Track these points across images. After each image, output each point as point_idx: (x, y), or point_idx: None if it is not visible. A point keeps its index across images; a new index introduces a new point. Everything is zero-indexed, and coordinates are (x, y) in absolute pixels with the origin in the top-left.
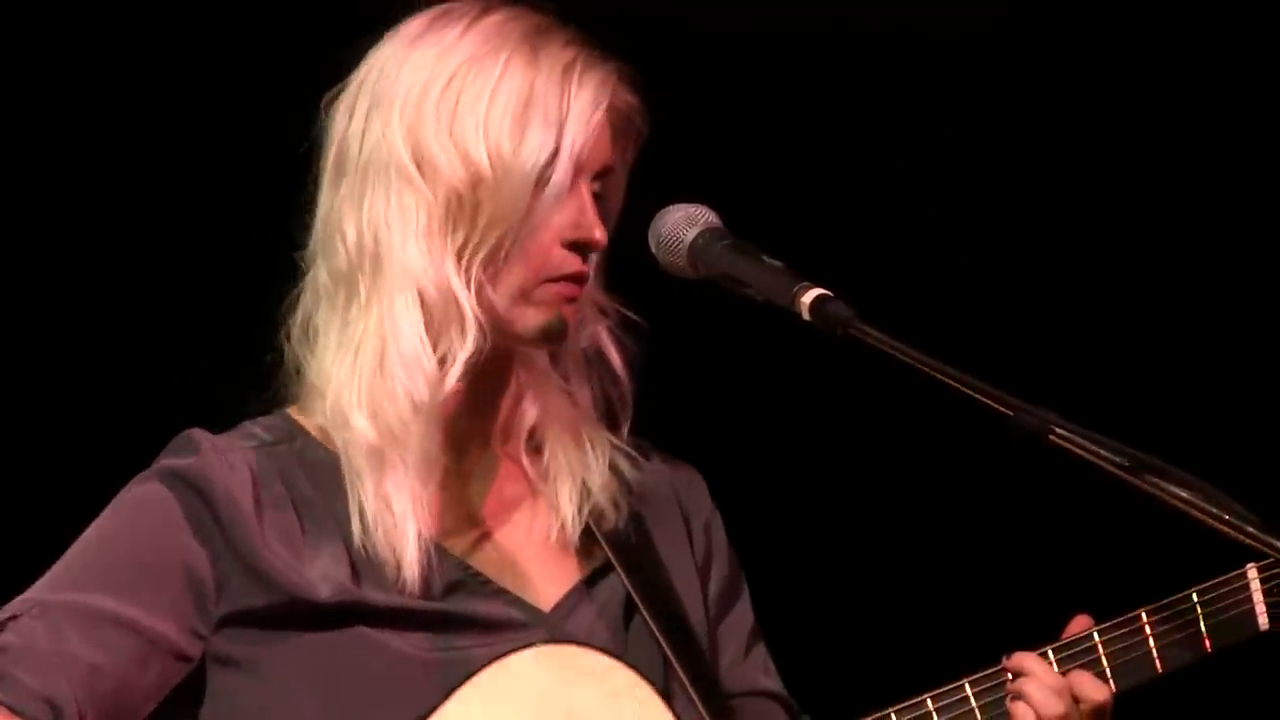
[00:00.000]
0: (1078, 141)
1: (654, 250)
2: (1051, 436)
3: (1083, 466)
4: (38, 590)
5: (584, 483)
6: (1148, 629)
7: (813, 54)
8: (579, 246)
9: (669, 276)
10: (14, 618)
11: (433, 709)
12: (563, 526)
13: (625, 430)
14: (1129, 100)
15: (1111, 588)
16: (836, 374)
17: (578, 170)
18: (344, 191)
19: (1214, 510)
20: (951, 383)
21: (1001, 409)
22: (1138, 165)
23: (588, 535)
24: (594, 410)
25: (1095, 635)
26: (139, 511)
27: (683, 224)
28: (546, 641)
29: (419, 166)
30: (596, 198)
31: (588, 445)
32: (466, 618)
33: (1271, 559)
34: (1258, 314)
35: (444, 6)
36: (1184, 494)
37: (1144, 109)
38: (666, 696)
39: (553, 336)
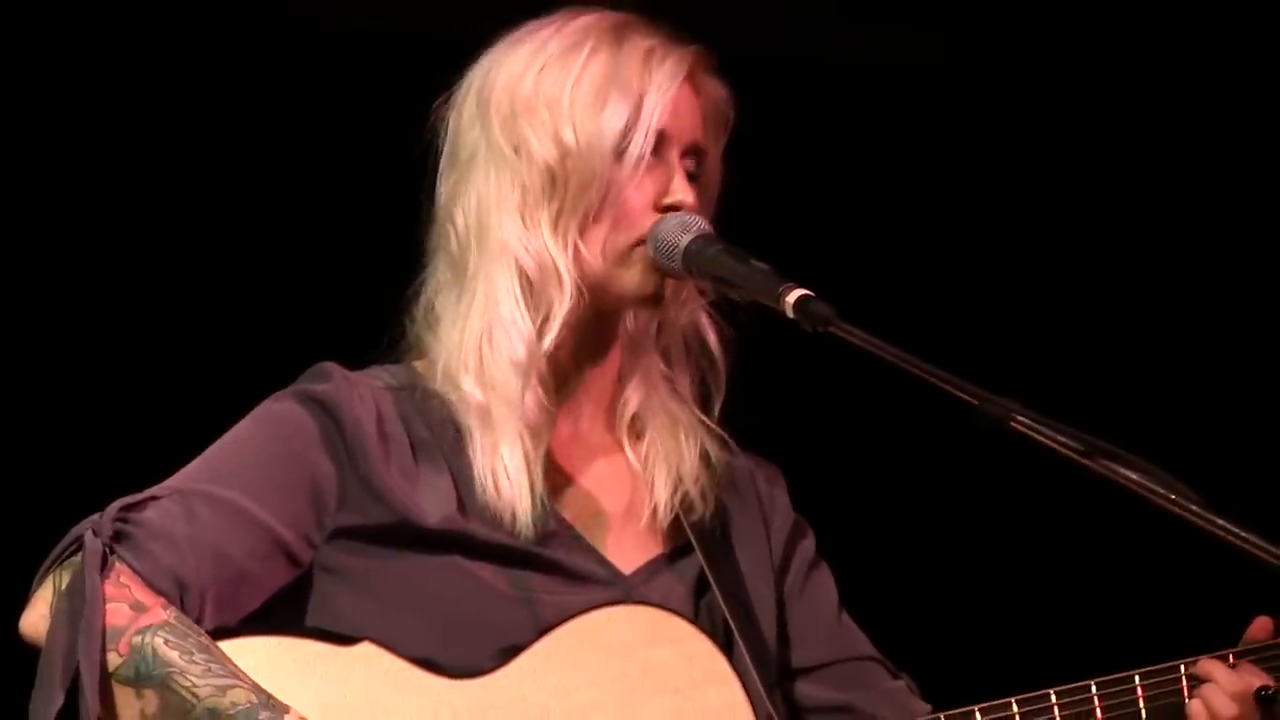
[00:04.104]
0: (1048, 144)
1: (651, 254)
2: (1012, 423)
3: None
4: (176, 479)
5: (678, 473)
6: None
7: (790, 79)
8: (669, 210)
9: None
10: (155, 498)
11: (521, 648)
12: (655, 510)
13: (717, 409)
14: (1087, 104)
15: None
16: (817, 367)
17: (663, 141)
18: (453, 183)
19: (1161, 491)
20: (923, 375)
21: (968, 399)
22: (1104, 165)
23: (674, 519)
24: (692, 394)
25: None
26: (275, 425)
27: (678, 230)
28: (634, 601)
29: (515, 149)
30: (690, 176)
31: (683, 436)
32: (554, 565)
33: None
34: (1232, 311)
35: (540, 18)
36: (1134, 476)
37: (1097, 112)
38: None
39: (648, 297)
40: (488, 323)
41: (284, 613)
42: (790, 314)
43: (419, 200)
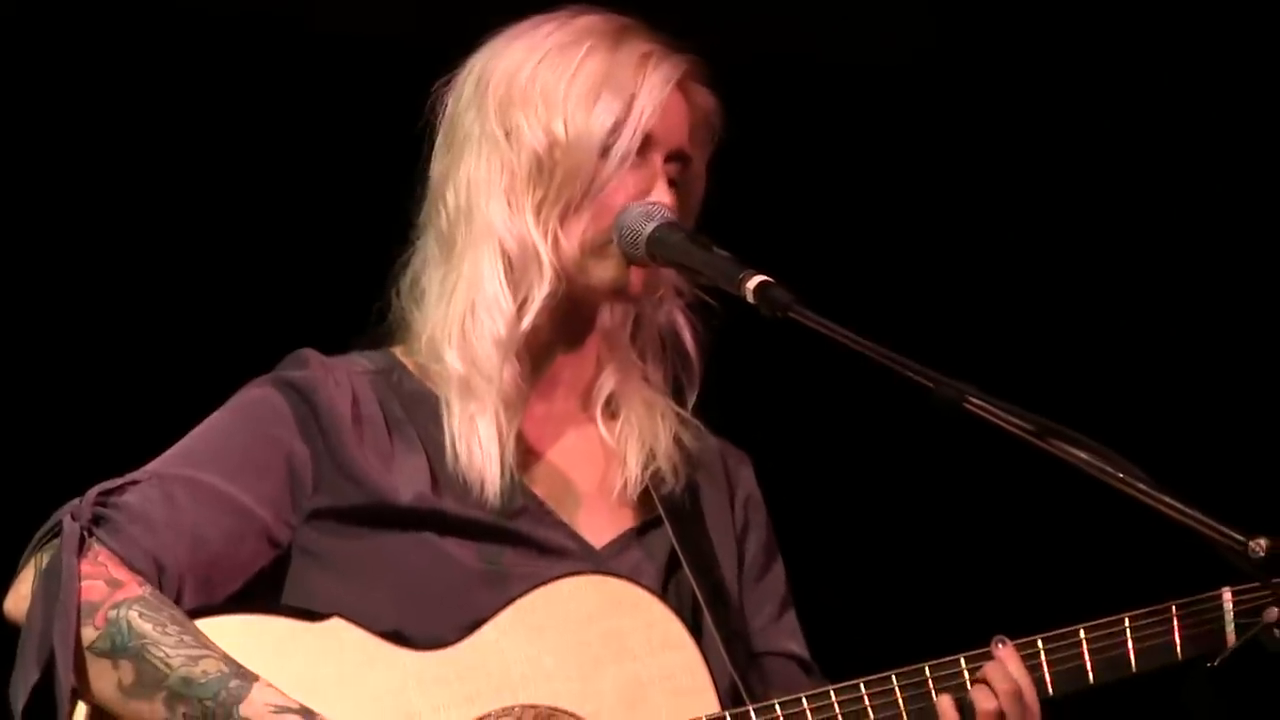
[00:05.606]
0: (1039, 139)
1: (615, 241)
2: (966, 405)
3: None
4: (154, 464)
5: (650, 448)
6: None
7: (779, 74)
8: None
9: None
10: (134, 482)
11: (486, 619)
12: (625, 483)
13: (690, 406)
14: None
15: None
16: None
17: (649, 144)
18: (448, 162)
19: (1109, 470)
20: (880, 358)
21: (924, 381)
22: (1095, 159)
23: (646, 494)
24: (664, 386)
25: (1081, 632)
26: (253, 410)
27: (641, 218)
28: (596, 571)
29: (507, 135)
30: (671, 183)
31: (657, 416)
32: (525, 539)
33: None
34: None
35: (544, 13)
36: (1083, 455)
37: (1088, 106)
38: (696, 634)
39: (620, 290)
40: (471, 300)
41: (263, 594)
42: (750, 299)
43: (398, 196)
